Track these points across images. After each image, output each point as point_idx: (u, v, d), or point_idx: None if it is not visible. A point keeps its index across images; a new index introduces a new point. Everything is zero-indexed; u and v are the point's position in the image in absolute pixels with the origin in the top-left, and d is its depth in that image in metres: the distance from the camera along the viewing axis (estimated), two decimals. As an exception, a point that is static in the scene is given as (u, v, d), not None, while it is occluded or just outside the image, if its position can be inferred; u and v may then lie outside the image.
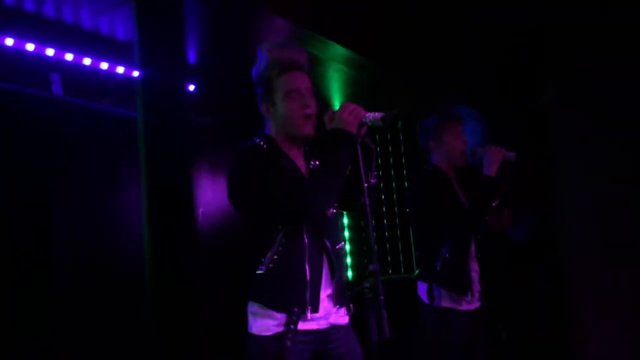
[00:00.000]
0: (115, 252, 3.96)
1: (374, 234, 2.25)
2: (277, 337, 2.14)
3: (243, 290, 2.26)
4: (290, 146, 2.31)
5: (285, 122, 2.28)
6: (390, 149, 6.31)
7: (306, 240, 2.19)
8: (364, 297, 2.21)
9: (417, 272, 3.30)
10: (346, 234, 6.27)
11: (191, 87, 4.70)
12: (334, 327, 2.26)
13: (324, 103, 2.42)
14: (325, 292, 2.24)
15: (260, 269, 2.16)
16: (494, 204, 3.26)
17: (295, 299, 2.15)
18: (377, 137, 6.25)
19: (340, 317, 2.29)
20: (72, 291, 3.72)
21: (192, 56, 4.52)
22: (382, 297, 2.12)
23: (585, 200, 4.96)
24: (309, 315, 2.15)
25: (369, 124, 2.26)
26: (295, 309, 2.13)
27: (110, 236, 4.01)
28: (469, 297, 3.14)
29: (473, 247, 3.25)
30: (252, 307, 2.21)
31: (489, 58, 5.37)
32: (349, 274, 6.16)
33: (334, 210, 2.34)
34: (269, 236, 2.18)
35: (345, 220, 6.29)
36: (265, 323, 2.17)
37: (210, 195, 4.51)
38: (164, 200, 2.82)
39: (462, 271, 3.15)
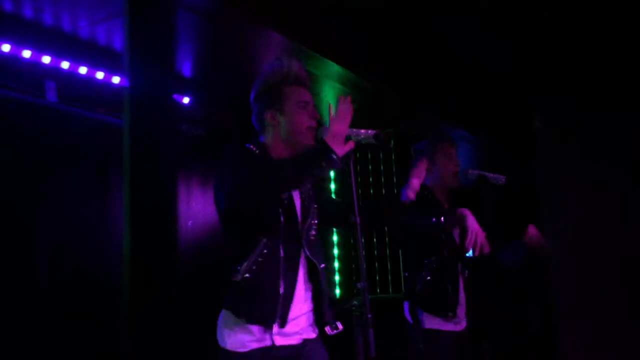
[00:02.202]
0: (101, 261, 3.94)
1: (364, 252, 2.24)
2: (253, 353, 2.15)
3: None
4: (283, 157, 2.32)
5: (291, 130, 2.32)
6: (382, 167, 6.31)
7: (282, 254, 2.21)
8: (351, 315, 2.19)
9: (403, 291, 3.30)
10: (335, 251, 6.26)
11: (186, 100, 4.71)
12: (305, 341, 2.28)
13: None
14: (303, 309, 2.26)
15: (235, 277, 2.16)
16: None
17: (268, 312, 2.16)
18: (369, 155, 6.27)
19: (311, 331, 2.31)
20: (54, 299, 3.70)
21: (187, 69, 4.53)
22: (369, 316, 2.11)
23: (574, 224, 4.98)
24: (275, 329, 2.16)
25: (363, 141, 2.26)
26: (271, 322, 2.15)
27: (97, 245, 3.99)
28: (456, 318, 3.15)
29: (460, 269, 3.26)
30: (226, 317, 2.21)
31: (482, 81, 5.41)
32: (337, 292, 6.14)
33: (314, 233, 2.35)
34: (249, 245, 2.18)
35: (335, 238, 6.28)
36: (240, 338, 2.17)
37: (201, 207, 4.50)
38: (145, 211, 2.81)
39: (443, 293, 3.16)
